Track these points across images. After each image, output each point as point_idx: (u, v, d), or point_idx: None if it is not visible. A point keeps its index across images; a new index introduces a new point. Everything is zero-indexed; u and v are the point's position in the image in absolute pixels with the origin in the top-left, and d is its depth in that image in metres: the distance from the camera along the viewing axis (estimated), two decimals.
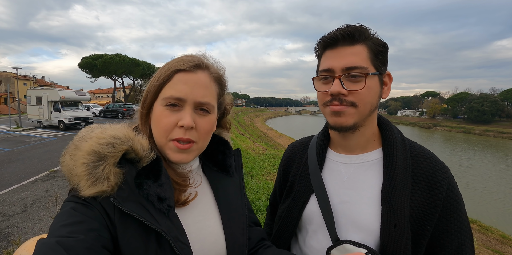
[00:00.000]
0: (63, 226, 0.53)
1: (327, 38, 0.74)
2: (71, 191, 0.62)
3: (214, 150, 0.82)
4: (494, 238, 7.49)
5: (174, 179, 0.68)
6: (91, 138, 0.60)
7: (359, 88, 0.71)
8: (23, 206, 5.23)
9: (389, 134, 0.81)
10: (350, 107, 0.72)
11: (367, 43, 0.73)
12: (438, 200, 0.71)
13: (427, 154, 0.78)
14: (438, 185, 0.72)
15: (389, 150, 0.77)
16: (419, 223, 0.71)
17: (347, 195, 0.79)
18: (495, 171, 21.20)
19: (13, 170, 7.67)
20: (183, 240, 0.61)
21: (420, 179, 0.73)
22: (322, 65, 0.77)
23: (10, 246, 3.70)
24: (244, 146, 11.64)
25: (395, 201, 0.70)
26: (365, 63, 0.71)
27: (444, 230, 0.72)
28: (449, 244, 0.72)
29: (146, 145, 0.64)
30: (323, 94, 0.76)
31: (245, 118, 53.14)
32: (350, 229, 0.76)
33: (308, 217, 0.84)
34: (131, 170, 0.62)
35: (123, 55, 38.72)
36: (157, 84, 0.68)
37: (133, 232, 0.58)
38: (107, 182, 0.57)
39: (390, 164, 0.75)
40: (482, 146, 38.00)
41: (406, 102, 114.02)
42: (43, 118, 17.42)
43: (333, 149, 0.88)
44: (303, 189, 0.86)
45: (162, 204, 0.61)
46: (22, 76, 47.48)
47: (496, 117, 65.39)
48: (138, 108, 0.74)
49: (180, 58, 0.70)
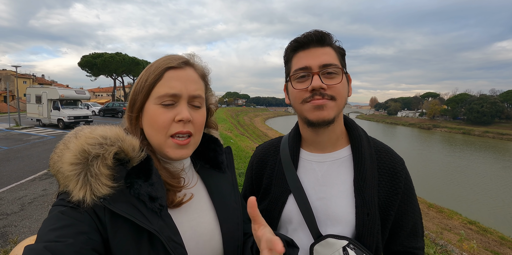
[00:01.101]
0: (51, 231, 0.52)
1: (302, 39, 0.80)
2: (59, 195, 0.60)
3: (205, 148, 0.82)
4: (493, 240, 7.49)
5: (168, 182, 0.67)
6: (80, 137, 0.58)
7: (337, 82, 0.77)
8: (21, 205, 5.21)
9: (355, 133, 0.88)
10: (330, 101, 0.77)
11: (333, 47, 0.81)
12: (399, 188, 0.81)
13: (387, 149, 0.88)
14: (399, 175, 0.82)
15: (357, 147, 0.85)
16: (385, 209, 0.80)
17: (323, 191, 0.83)
18: (492, 171, 21.23)
19: (12, 168, 7.65)
20: (176, 239, 0.61)
21: (384, 171, 0.83)
22: (296, 64, 0.81)
23: (8, 245, 3.68)
24: (244, 146, 11.63)
25: (367, 193, 0.78)
26: (337, 62, 0.79)
27: (402, 212, 0.82)
28: (406, 224, 0.83)
29: (137, 146, 0.63)
30: (301, 91, 0.80)
31: (245, 117, 53.13)
32: (329, 223, 0.80)
33: (287, 217, 0.86)
34: (121, 171, 0.60)
35: (123, 54, 38.73)
36: (148, 84, 0.67)
37: (124, 234, 0.57)
38: (97, 183, 0.55)
39: (359, 160, 0.82)
40: (481, 147, 38.02)
41: (406, 103, 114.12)
42: (43, 117, 17.38)
43: (305, 148, 0.92)
44: (281, 190, 0.88)
45: (154, 204, 0.60)
46: (21, 74, 47.41)
47: (496, 119, 65.51)
48: (125, 112, 0.73)
49: (166, 57, 0.71)
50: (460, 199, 13.30)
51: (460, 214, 9.34)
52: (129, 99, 0.72)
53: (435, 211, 9.16)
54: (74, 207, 0.56)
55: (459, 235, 6.32)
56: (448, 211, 9.44)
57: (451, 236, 6.66)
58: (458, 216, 9.00)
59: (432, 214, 8.80)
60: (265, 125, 45.10)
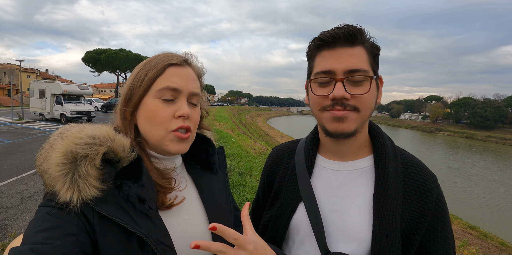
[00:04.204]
0: (37, 232, 0.49)
1: (327, 36, 0.68)
2: (46, 195, 0.58)
3: (197, 148, 0.81)
4: (493, 245, 7.43)
5: (158, 182, 0.66)
6: (67, 137, 0.56)
7: (363, 92, 0.67)
8: (21, 199, 5.23)
9: (380, 141, 0.78)
10: (352, 112, 0.68)
11: (365, 45, 0.69)
12: (428, 210, 0.69)
13: (417, 163, 0.76)
14: (428, 194, 0.70)
15: (381, 158, 0.74)
16: (409, 233, 0.69)
17: (337, 203, 0.75)
18: (493, 176, 21.11)
19: (13, 162, 7.68)
20: (165, 242, 0.59)
21: (411, 188, 0.71)
22: (319, 66, 0.71)
23: (6, 238, 3.69)
24: (245, 145, 11.61)
25: (387, 211, 0.68)
26: (366, 66, 0.68)
27: (431, 238, 0.71)
28: (435, 252, 0.71)
29: (128, 146, 0.61)
30: (321, 98, 0.70)
31: (247, 116, 53.16)
32: (340, 239, 0.72)
33: (295, 227, 0.80)
34: (110, 171, 0.58)
35: (127, 50, 38.88)
36: (148, 78, 0.66)
37: (113, 235, 0.55)
38: (85, 184, 0.53)
39: (382, 172, 0.72)
40: (483, 151, 37.82)
41: (409, 106, 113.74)
42: (45, 111, 17.44)
43: (323, 154, 0.83)
44: (291, 197, 0.81)
45: (144, 206, 0.58)
46: (26, 69, 47.69)
47: (499, 123, 65.17)
48: (118, 108, 0.71)
49: (165, 54, 0.71)
50: (460, 203, 13.23)
51: (461, 219, 9.29)
52: (123, 93, 0.70)
53: None
54: (61, 208, 0.54)
55: (461, 241, 6.28)
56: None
57: None
58: (458, 221, 8.94)
59: None
60: (267, 125, 45.05)
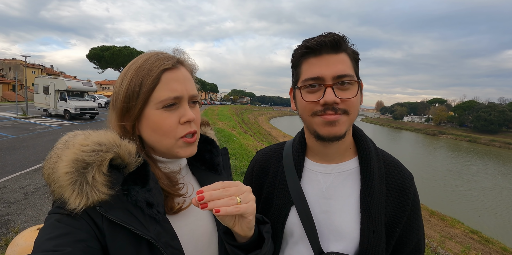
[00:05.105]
0: (48, 240, 0.50)
1: (314, 44, 0.71)
2: (54, 203, 0.59)
3: (201, 149, 0.80)
4: (495, 250, 7.37)
5: (166, 189, 0.66)
6: (74, 145, 0.57)
7: (352, 96, 0.71)
8: (24, 194, 5.25)
9: (364, 144, 0.83)
10: (343, 115, 0.72)
11: (348, 52, 0.74)
12: (407, 205, 0.77)
13: (397, 163, 0.83)
14: (407, 192, 0.78)
15: (365, 160, 0.80)
16: (391, 226, 0.77)
17: (327, 205, 0.79)
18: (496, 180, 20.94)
19: (17, 157, 7.73)
20: (174, 245, 0.60)
21: (392, 186, 0.79)
22: (307, 73, 0.73)
23: (9, 233, 3.71)
24: (247, 145, 11.61)
25: (373, 209, 0.74)
26: (351, 71, 0.72)
27: (408, 229, 0.79)
28: (410, 240, 0.80)
29: (134, 151, 0.61)
30: (312, 103, 0.73)
31: (250, 116, 53.13)
32: (332, 238, 0.77)
33: (289, 230, 0.83)
34: (118, 176, 0.59)
35: (131, 47, 38.86)
36: (145, 89, 0.63)
37: (123, 240, 0.55)
38: (93, 191, 0.53)
39: (367, 174, 0.78)
40: (486, 155, 37.52)
41: (412, 108, 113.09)
42: (49, 107, 17.56)
43: (310, 158, 0.86)
44: (283, 202, 0.84)
45: (152, 210, 0.58)
46: (30, 64, 47.96)
47: (503, 128, 64.55)
48: (114, 124, 0.67)
49: (156, 56, 0.66)
50: (462, 207, 13.14)
51: (462, 223, 9.23)
52: (117, 106, 0.66)
53: (436, 219, 9.06)
54: (71, 215, 0.54)
55: (461, 245, 6.24)
56: (450, 219, 9.33)
57: (452, 245, 6.58)
58: (460, 225, 8.89)
59: (434, 221, 8.70)
60: (269, 124, 45.03)
